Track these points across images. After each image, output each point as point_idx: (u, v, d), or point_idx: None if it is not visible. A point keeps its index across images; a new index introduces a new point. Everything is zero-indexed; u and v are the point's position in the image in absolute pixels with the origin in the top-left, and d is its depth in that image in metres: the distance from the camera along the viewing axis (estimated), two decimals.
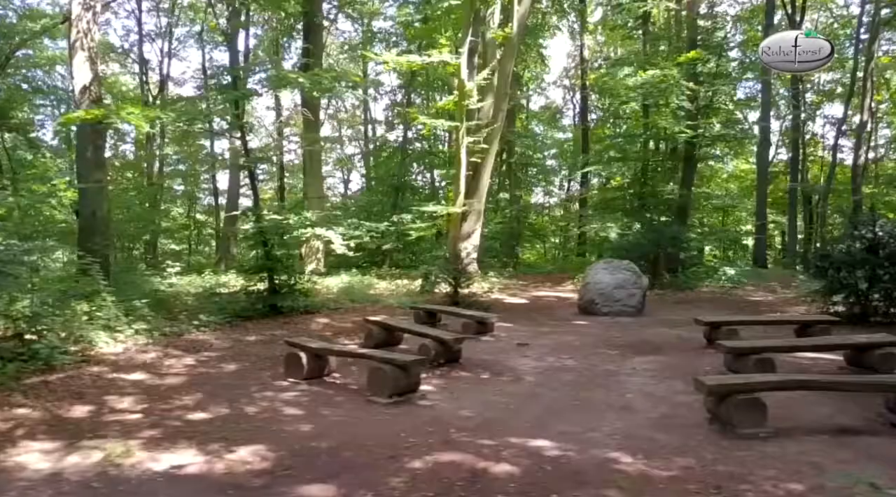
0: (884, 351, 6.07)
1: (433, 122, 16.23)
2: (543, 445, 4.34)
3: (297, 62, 18.45)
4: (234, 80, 10.12)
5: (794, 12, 23.28)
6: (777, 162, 27.96)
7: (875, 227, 9.67)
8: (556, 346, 8.12)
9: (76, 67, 11.48)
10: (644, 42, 21.10)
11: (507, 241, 23.00)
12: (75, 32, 11.62)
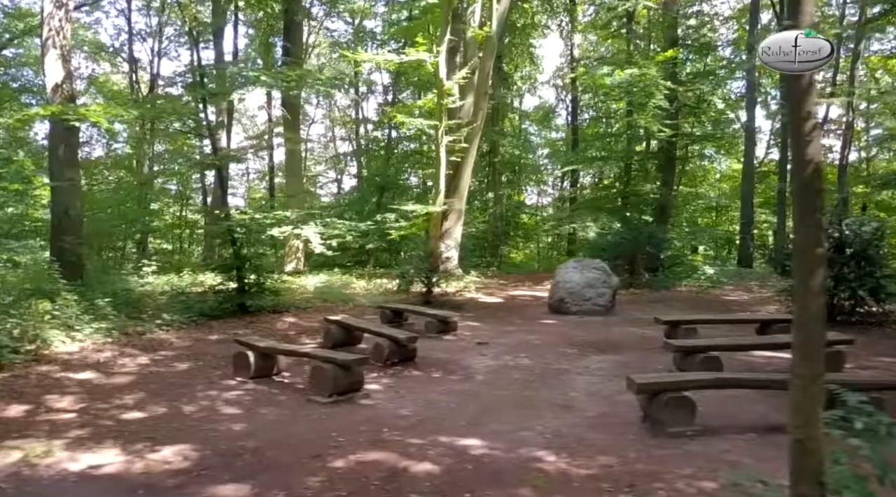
0: (830, 349, 6.06)
1: (412, 121, 16.20)
2: (472, 444, 4.33)
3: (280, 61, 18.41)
4: (200, 78, 10.07)
5: (783, 11, 23.23)
6: (769, 161, 28.02)
7: (841, 225, 9.67)
8: (516, 344, 8.10)
9: (48, 65, 11.43)
10: (628, 41, 21.12)
11: (492, 240, 22.98)
12: (47, 30, 11.57)
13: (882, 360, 6.95)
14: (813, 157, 2.51)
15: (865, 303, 9.39)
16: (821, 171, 2.54)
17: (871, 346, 7.68)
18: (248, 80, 10.13)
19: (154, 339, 8.37)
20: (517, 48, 27.40)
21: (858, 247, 9.31)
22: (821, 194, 2.55)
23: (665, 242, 15.10)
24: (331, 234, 17.04)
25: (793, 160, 2.60)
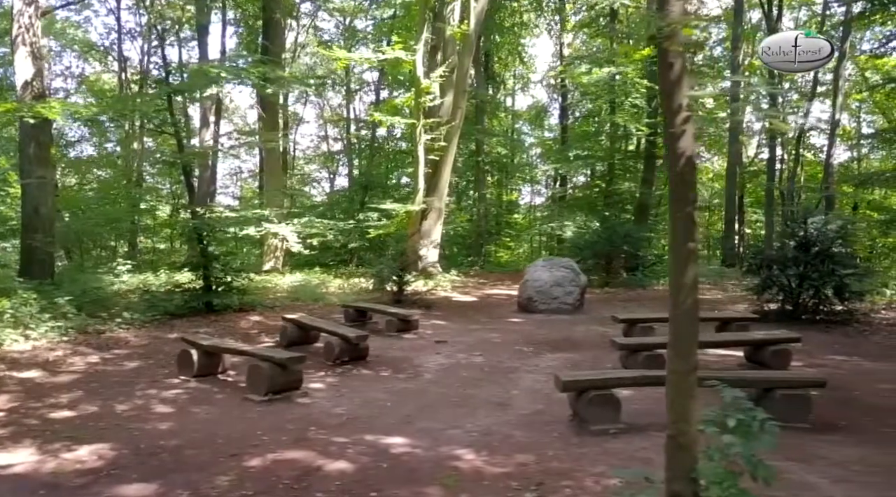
0: (777, 348, 6.05)
1: (389, 119, 16.15)
2: (395, 442, 4.29)
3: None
4: (165, 75, 10.02)
5: (771, 11, 23.17)
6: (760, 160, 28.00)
7: (806, 224, 9.66)
8: (475, 343, 8.06)
9: (18, 63, 11.36)
10: (611, 40, 21.12)
11: (476, 239, 22.94)
12: (17, 27, 11.50)
13: (833, 358, 6.94)
14: (685, 150, 2.48)
15: (829, 301, 9.38)
16: (694, 164, 2.51)
17: (828, 345, 7.67)
18: (210, 78, 10.05)
19: (112, 337, 8.31)
20: (507, 47, 27.35)
21: (823, 245, 9.30)
22: (693, 187, 2.52)
23: (642, 241, 15.08)
24: (309, 232, 17.03)
25: (667, 153, 2.56)
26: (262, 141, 16.43)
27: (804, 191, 23.79)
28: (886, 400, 5.17)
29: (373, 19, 24.15)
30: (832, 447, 4.03)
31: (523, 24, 27.45)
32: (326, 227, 16.87)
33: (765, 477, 2.58)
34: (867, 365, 6.60)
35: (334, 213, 21.31)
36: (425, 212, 17.37)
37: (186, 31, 22.06)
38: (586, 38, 29.48)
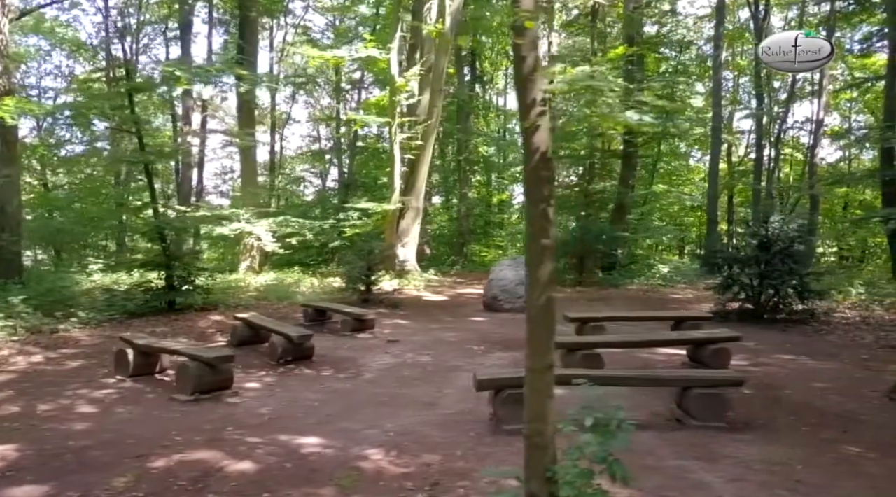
0: (717, 346, 6.02)
1: (363, 119, 16.10)
2: (308, 443, 4.25)
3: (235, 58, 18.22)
4: (127, 73, 9.95)
5: (758, 10, 23.09)
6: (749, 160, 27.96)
7: (768, 223, 9.64)
8: (428, 342, 8.02)
9: None
10: (592, 39, 21.08)
11: (457, 238, 22.89)
12: None
13: (780, 357, 6.92)
14: (539, 145, 2.44)
15: (790, 301, 9.37)
16: (549, 160, 2.47)
17: (779, 345, 7.65)
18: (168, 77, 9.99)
19: (63, 337, 8.25)
20: (498, 47, 27.21)
21: (783, 245, 9.28)
22: (548, 183, 2.48)
23: (616, 241, 15.05)
24: (284, 232, 16.96)
25: (524, 149, 2.52)
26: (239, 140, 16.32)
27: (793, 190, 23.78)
28: (814, 399, 5.14)
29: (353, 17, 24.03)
30: (742, 446, 4.00)
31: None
32: (302, 226, 16.79)
33: (622, 476, 2.56)
34: (811, 364, 6.58)
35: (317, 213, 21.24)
36: (402, 211, 17.33)
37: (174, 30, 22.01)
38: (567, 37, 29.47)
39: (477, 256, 25.21)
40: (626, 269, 16.66)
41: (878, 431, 4.32)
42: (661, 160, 24.24)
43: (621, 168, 17.91)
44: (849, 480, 3.46)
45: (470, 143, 24.99)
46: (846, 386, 5.56)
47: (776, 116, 23.31)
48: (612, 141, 19.24)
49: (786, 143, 28.84)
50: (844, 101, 27.24)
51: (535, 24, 2.39)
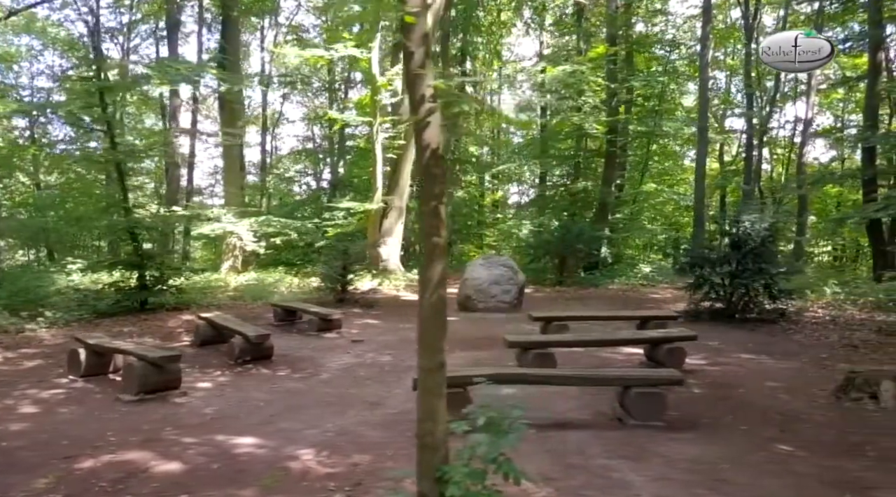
0: (672, 346, 6.01)
1: (345, 118, 16.05)
2: (244, 443, 4.21)
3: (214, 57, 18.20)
4: (98, 72, 9.89)
5: (748, 9, 23.03)
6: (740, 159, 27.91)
7: (739, 223, 9.62)
8: (392, 342, 7.99)
9: None
10: (578, 38, 21.06)
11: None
12: None
13: (741, 356, 6.91)
14: (430, 142, 2.42)
15: (760, 300, 9.36)
16: (439, 157, 2.44)
17: (743, 344, 7.64)
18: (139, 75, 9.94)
19: (28, 337, 8.20)
20: (490, 46, 27.09)
21: (751, 245, 9.26)
22: (440, 181, 2.46)
23: (597, 240, 15.03)
24: (265, 231, 16.91)
25: (416, 146, 2.49)
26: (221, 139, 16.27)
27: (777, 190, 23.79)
28: (762, 398, 5.13)
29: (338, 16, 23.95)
30: (675, 445, 3.98)
31: (502, 23, 27.27)
32: (284, 226, 16.74)
33: (514, 476, 2.53)
34: (770, 363, 6.57)
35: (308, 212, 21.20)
36: (386, 211, 17.31)
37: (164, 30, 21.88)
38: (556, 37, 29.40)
39: (466, 256, 25.17)
40: (608, 269, 16.65)
41: (815, 430, 4.30)
42: (651, 160, 24.23)
43: (604, 168, 17.89)
44: (773, 479, 3.43)
45: (459, 142, 24.91)
46: (797, 385, 5.54)
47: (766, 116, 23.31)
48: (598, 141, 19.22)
49: (777, 143, 28.93)
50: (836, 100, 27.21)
51: (422, 21, 2.36)
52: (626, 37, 19.32)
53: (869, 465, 3.66)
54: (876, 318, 9.23)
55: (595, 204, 18.75)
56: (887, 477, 3.46)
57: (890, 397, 4.65)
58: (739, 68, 25.11)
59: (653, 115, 20.95)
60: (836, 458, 3.77)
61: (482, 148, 28.23)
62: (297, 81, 26.59)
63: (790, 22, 23.72)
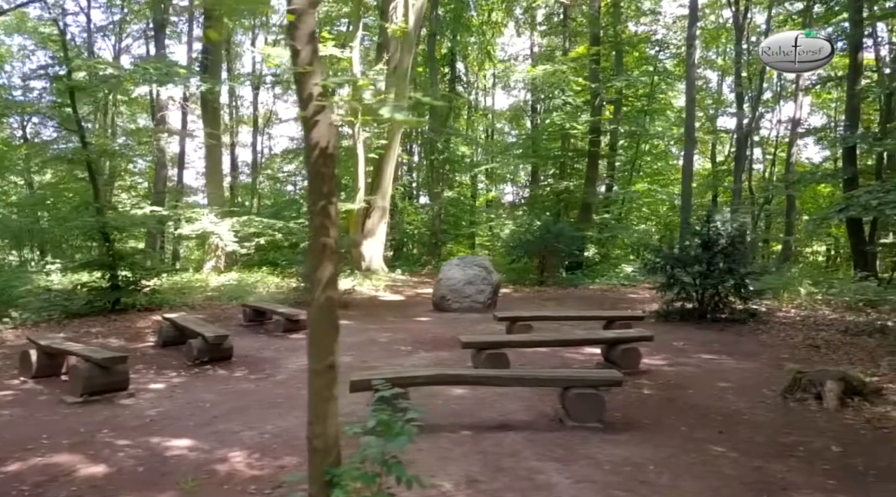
0: (627, 346, 5.99)
1: None
2: (178, 445, 4.18)
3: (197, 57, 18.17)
4: (68, 72, 9.84)
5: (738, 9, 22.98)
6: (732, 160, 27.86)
7: (709, 224, 9.60)
8: (357, 343, 7.93)
9: None
10: (565, 38, 21.07)
11: (430, 238, 22.81)
12: None
13: (701, 357, 6.89)
14: (319, 141, 2.39)
15: (730, 300, 9.34)
16: (329, 156, 2.41)
17: (707, 344, 7.63)
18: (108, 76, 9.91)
19: None
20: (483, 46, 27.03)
21: (720, 246, 9.25)
22: (329, 180, 2.43)
23: (576, 240, 15.00)
24: (247, 232, 16.86)
25: (305, 145, 2.46)
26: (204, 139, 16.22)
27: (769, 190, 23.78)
28: (710, 399, 5.11)
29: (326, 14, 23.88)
30: (608, 447, 3.95)
31: (492, 23, 27.19)
32: (266, 226, 16.70)
33: (406, 479, 2.50)
34: (729, 363, 6.55)
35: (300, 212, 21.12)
36: (369, 210, 17.27)
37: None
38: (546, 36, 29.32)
39: (454, 256, 25.13)
40: (591, 269, 16.65)
41: (753, 431, 4.28)
42: (641, 160, 24.22)
43: (587, 168, 17.88)
44: (694, 481, 3.41)
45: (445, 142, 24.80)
46: (749, 385, 5.52)
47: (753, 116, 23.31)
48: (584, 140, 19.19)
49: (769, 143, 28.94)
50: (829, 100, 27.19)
51: (307, 18, 2.33)
52: (616, 35, 19.29)
53: (796, 465, 3.64)
54: (846, 318, 9.23)
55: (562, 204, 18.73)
56: (809, 478, 3.44)
57: (833, 398, 4.63)
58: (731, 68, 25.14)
59: (642, 115, 20.97)
60: (765, 458, 3.75)
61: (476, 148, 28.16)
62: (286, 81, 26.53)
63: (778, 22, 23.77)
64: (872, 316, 9.00)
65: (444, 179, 25.53)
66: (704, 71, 28.14)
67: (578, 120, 15.48)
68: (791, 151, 24.07)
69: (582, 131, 15.32)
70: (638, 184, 22.02)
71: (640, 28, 23.49)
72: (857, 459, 3.72)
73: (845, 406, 4.64)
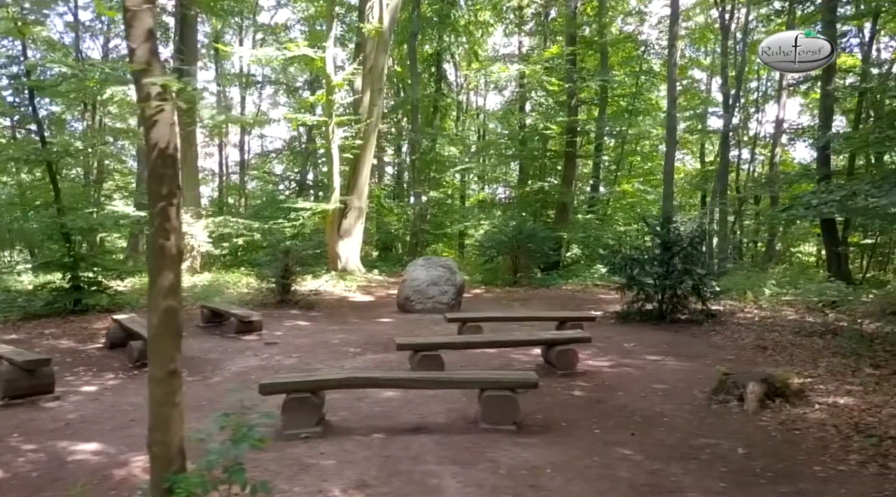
0: (563, 348, 5.95)
1: (301, 118, 15.95)
2: (84, 449, 4.13)
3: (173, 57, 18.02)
4: (27, 72, 9.78)
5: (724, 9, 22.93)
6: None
7: (668, 225, 9.58)
8: (308, 345, 7.90)
9: None
10: (544, 38, 21.04)
11: (411, 239, 22.75)
12: None
13: (646, 358, 6.85)
14: (158, 141, 2.34)
15: (688, 301, 9.32)
16: (169, 157, 2.37)
17: (656, 345, 7.60)
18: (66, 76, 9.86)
19: None
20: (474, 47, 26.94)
21: (679, 248, 9.22)
22: (169, 182, 2.38)
23: (550, 241, 14.96)
24: (221, 232, 16.81)
25: (146, 145, 2.42)
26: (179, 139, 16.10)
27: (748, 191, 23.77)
28: (638, 401, 5.07)
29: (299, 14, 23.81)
30: (515, 449, 3.91)
31: (479, 23, 27.11)
32: (241, 227, 16.64)
33: (251, 487, 2.46)
34: (671, 365, 6.52)
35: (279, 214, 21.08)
36: (345, 211, 17.21)
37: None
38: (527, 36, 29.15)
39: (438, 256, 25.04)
40: (567, 270, 16.62)
41: (666, 433, 4.24)
42: (625, 160, 24.18)
43: (563, 168, 17.84)
44: (585, 484, 3.38)
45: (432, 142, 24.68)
46: (682, 387, 5.49)
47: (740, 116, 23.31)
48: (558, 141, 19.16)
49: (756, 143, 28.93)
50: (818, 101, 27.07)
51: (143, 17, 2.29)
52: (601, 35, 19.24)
53: (694, 468, 3.61)
54: (806, 319, 9.22)
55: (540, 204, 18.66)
56: (701, 481, 3.41)
57: (754, 399, 4.60)
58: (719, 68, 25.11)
59: (626, 116, 20.94)
60: (666, 461, 3.72)
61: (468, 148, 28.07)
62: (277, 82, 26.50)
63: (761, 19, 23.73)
64: (831, 317, 8.98)
65: (428, 180, 25.47)
66: (693, 71, 28.18)
67: (553, 120, 15.43)
68: (775, 151, 24.09)
69: (556, 131, 15.26)
70: (625, 184, 22.00)
71: (628, 27, 23.50)
72: (758, 462, 3.69)
73: (765, 408, 4.61)
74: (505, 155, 19.06)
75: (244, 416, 2.67)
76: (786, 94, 23.87)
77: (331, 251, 16.81)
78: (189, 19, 16.88)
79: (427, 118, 24.98)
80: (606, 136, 19.96)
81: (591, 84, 16.61)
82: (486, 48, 27.64)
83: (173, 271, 2.40)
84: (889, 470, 3.45)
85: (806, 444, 3.95)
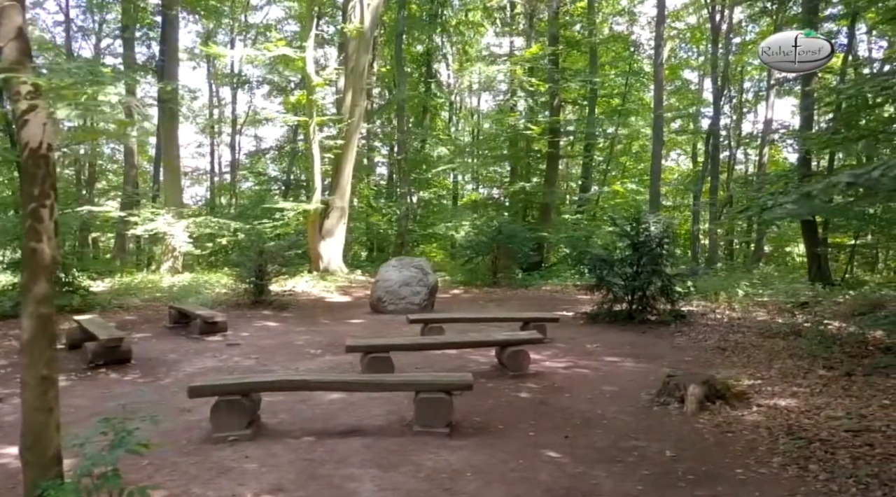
0: (515, 349, 5.92)
1: (282, 118, 15.90)
2: (8, 453, 4.08)
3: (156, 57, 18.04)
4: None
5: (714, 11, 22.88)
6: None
7: (637, 225, 9.53)
8: (270, 346, 7.86)
9: None
10: (528, 38, 21.00)
11: (396, 239, 22.69)
12: None
13: (605, 359, 6.83)
14: (30, 141, 2.30)
15: (655, 302, 9.29)
16: (41, 157, 2.32)
17: (619, 346, 7.58)
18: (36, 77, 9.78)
19: None
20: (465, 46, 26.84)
21: (647, 248, 9.19)
22: (43, 183, 2.34)
23: (528, 241, 14.92)
24: (202, 232, 16.75)
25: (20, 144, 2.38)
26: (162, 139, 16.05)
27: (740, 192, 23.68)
28: (582, 403, 5.03)
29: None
30: (443, 453, 3.87)
31: (469, 23, 27.04)
32: (222, 227, 16.58)
33: (128, 493, 2.42)
34: (628, 366, 6.49)
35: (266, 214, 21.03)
36: (327, 211, 17.17)
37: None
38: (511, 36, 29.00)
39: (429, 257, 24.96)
40: (548, 270, 16.60)
41: (601, 436, 4.21)
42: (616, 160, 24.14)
43: (546, 168, 17.80)
44: (502, 487, 3.34)
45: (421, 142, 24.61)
46: (631, 389, 5.46)
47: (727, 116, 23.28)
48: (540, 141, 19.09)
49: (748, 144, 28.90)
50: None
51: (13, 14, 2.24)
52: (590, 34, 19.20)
53: (617, 471, 3.57)
54: (776, 320, 9.19)
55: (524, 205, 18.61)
56: (621, 484, 3.37)
57: (693, 401, 4.57)
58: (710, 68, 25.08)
59: (615, 116, 20.91)
60: (592, 464, 3.68)
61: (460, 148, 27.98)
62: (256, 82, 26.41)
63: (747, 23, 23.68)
64: (800, 318, 8.95)
65: (417, 180, 25.40)
66: (684, 71, 28.16)
67: (534, 120, 15.39)
68: (762, 151, 24.08)
69: (536, 132, 15.23)
70: (616, 184, 21.96)
71: (618, 27, 23.49)
72: (683, 464, 3.65)
73: (704, 410, 4.57)
74: (492, 155, 18.98)
75: (126, 420, 2.63)
76: (773, 94, 23.90)
77: (313, 251, 16.77)
78: (171, 19, 16.82)
79: (417, 118, 24.92)
80: (596, 137, 19.91)
81: (572, 84, 16.56)
82: (480, 48, 27.63)
83: (44, 279, 2.35)
84: (808, 472, 3.41)
85: (735, 446, 3.91)
